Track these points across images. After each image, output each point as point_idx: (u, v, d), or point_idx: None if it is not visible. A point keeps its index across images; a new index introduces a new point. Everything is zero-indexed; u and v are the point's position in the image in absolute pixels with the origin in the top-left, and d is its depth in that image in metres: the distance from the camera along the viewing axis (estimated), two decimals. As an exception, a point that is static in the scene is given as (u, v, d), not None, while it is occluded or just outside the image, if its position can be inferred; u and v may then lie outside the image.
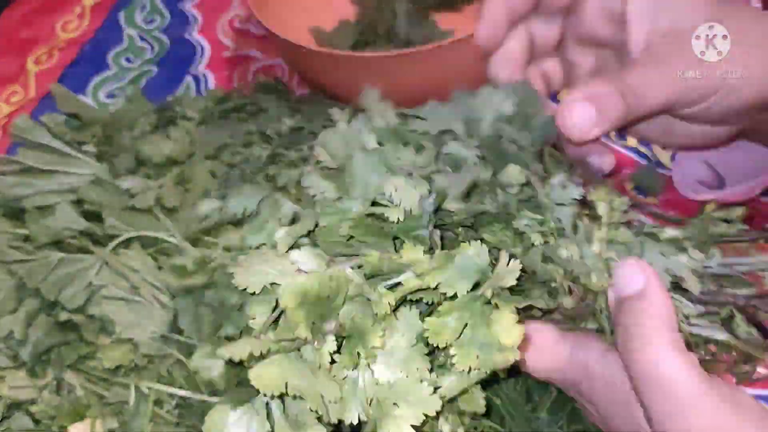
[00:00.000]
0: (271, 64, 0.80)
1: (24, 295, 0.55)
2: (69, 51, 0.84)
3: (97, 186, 0.56)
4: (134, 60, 0.82)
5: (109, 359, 0.50)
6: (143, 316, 0.51)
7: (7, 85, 0.82)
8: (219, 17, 0.84)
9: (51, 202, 0.56)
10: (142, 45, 0.84)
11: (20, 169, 0.58)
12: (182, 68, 0.80)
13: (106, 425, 0.51)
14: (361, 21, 0.77)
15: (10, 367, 0.54)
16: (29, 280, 0.52)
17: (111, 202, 0.56)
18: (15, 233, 0.58)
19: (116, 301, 0.52)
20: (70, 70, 0.82)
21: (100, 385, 0.54)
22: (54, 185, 0.58)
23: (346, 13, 0.78)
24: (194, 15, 0.86)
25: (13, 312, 0.54)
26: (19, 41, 0.85)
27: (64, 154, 0.58)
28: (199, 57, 0.81)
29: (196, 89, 0.78)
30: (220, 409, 0.32)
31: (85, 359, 0.54)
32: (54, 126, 0.58)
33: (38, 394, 0.54)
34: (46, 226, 0.55)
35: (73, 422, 0.51)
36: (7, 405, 0.53)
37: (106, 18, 0.87)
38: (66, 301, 0.53)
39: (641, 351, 0.32)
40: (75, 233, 0.56)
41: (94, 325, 0.54)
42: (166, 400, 0.51)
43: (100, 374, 0.54)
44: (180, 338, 0.50)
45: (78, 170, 0.58)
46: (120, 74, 0.81)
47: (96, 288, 0.54)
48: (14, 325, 0.53)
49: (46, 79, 0.82)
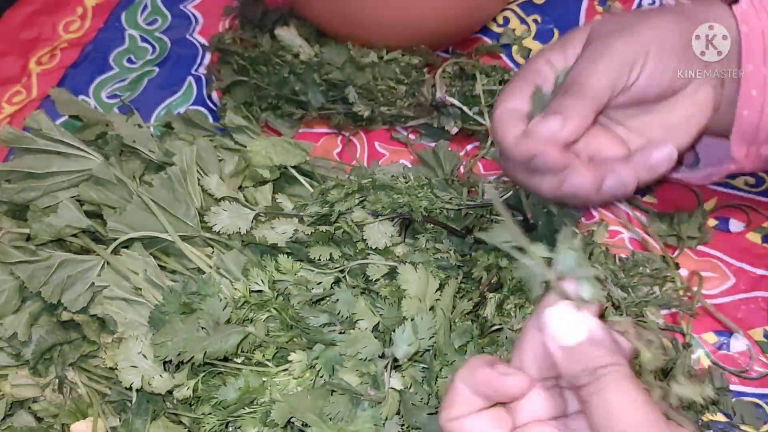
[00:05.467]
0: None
1: (27, 295, 0.55)
2: (71, 51, 0.84)
3: (98, 185, 0.56)
4: (136, 60, 0.83)
5: (110, 358, 0.50)
6: (145, 315, 0.51)
7: (10, 86, 0.82)
8: (220, 18, 0.84)
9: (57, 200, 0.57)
10: (144, 45, 0.84)
11: (23, 174, 0.58)
12: (184, 69, 0.81)
13: (107, 423, 0.52)
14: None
15: (12, 365, 0.54)
16: (31, 284, 0.53)
17: (111, 200, 0.56)
18: (18, 233, 0.58)
19: (118, 301, 0.52)
20: (71, 70, 0.83)
21: (102, 384, 0.54)
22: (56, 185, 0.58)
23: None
24: (195, 15, 0.86)
25: (16, 312, 0.54)
26: (21, 42, 0.86)
27: (60, 153, 0.58)
28: (201, 57, 0.81)
29: (198, 89, 0.78)
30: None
31: (87, 358, 0.55)
32: (43, 126, 0.58)
33: (41, 393, 0.54)
34: (48, 225, 0.55)
35: (75, 420, 0.51)
36: (9, 403, 0.53)
37: (107, 19, 0.87)
38: (69, 303, 0.53)
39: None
40: (77, 231, 0.56)
41: (95, 325, 0.54)
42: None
43: (102, 373, 0.54)
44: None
45: (77, 166, 0.58)
46: (121, 75, 0.81)
47: (97, 288, 0.54)
48: (17, 325, 0.53)
49: (48, 80, 0.82)
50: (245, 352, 0.49)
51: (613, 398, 0.32)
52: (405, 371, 0.47)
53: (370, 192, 0.55)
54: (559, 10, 0.78)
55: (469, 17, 0.72)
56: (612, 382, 0.32)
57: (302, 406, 0.46)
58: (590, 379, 0.33)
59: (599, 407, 0.32)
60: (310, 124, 0.72)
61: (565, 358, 0.33)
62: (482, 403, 0.36)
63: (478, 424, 0.35)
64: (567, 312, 0.34)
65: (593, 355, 0.33)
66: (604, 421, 0.32)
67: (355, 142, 0.71)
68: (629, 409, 0.32)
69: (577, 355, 0.33)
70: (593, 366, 0.33)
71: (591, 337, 0.33)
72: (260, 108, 0.71)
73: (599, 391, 0.32)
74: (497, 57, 0.75)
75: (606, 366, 0.33)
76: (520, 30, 0.77)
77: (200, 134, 0.65)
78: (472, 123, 0.67)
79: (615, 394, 0.32)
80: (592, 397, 0.32)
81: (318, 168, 0.65)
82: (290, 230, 0.54)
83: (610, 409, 0.32)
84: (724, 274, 0.59)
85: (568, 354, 0.33)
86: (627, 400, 0.32)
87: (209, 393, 0.48)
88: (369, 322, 0.46)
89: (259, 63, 0.70)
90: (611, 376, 0.32)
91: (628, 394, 0.32)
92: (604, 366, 0.33)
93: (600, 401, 0.32)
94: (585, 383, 0.33)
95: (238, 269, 0.52)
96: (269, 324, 0.50)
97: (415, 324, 0.45)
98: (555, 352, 0.34)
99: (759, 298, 0.57)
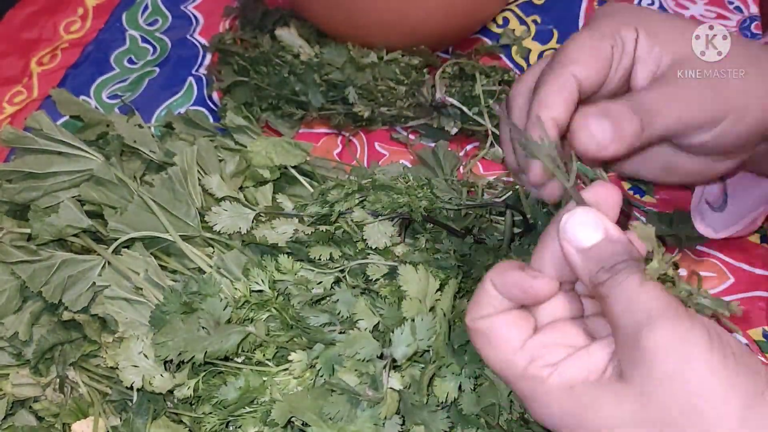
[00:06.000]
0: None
1: (28, 295, 0.55)
2: (72, 52, 0.84)
3: (98, 185, 0.56)
4: (136, 61, 0.83)
5: (111, 358, 0.50)
6: (146, 315, 0.51)
7: (10, 86, 0.82)
8: (220, 18, 0.84)
9: (58, 200, 0.57)
10: (145, 46, 0.84)
11: (24, 174, 0.58)
12: (184, 69, 0.81)
13: (108, 423, 0.52)
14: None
15: (13, 365, 0.55)
16: (32, 284, 0.53)
17: (112, 200, 0.56)
18: (19, 232, 0.58)
19: (119, 300, 0.52)
20: (72, 70, 0.83)
21: (103, 383, 0.54)
22: (57, 185, 0.58)
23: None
24: (196, 16, 0.86)
25: (17, 312, 0.55)
26: (22, 42, 0.86)
27: (61, 153, 0.58)
28: (201, 58, 0.81)
29: (198, 90, 0.79)
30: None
31: (88, 357, 0.55)
32: (44, 126, 0.58)
33: (42, 392, 0.54)
34: (49, 225, 0.55)
35: (76, 420, 0.51)
36: (10, 402, 0.54)
37: (108, 19, 0.87)
38: (70, 303, 0.53)
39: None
40: (78, 231, 0.56)
41: (96, 324, 0.54)
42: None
43: (102, 372, 0.54)
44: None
45: (78, 166, 0.58)
46: (122, 75, 0.81)
47: (99, 288, 0.54)
48: (18, 325, 0.54)
49: (49, 80, 0.82)
50: (245, 352, 0.49)
51: (633, 287, 0.33)
52: (404, 371, 0.47)
53: (370, 192, 0.55)
54: (558, 11, 0.78)
55: (469, 18, 0.72)
56: (630, 275, 0.33)
57: (302, 406, 0.46)
58: (608, 276, 0.33)
59: (620, 298, 0.33)
60: (310, 124, 0.72)
61: (583, 259, 0.34)
62: (509, 304, 0.36)
63: (504, 322, 0.36)
64: (584, 215, 0.34)
65: (610, 251, 0.34)
66: (625, 312, 0.32)
67: (355, 142, 0.71)
68: (647, 294, 0.32)
69: (594, 254, 0.34)
70: (611, 263, 0.33)
71: (607, 237, 0.34)
72: (260, 108, 0.71)
73: (618, 284, 0.33)
74: (497, 57, 0.75)
75: (624, 261, 0.33)
76: (519, 30, 0.77)
77: (201, 134, 0.65)
78: (472, 123, 0.67)
79: (634, 284, 0.33)
80: (611, 290, 0.33)
81: (318, 168, 0.65)
82: (290, 230, 0.54)
83: (630, 298, 0.32)
84: (723, 274, 0.59)
85: (585, 255, 0.34)
86: (646, 289, 0.32)
87: (210, 392, 0.48)
88: (369, 322, 0.46)
89: (259, 63, 0.70)
90: (629, 269, 0.33)
91: (647, 284, 0.33)
92: (622, 261, 0.33)
93: (620, 292, 0.33)
94: (603, 280, 0.33)
95: (238, 269, 0.52)
96: (269, 324, 0.50)
97: (413, 325, 0.45)
98: (573, 255, 0.34)
99: (758, 298, 0.57)
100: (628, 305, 0.32)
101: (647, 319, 0.32)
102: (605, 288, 0.33)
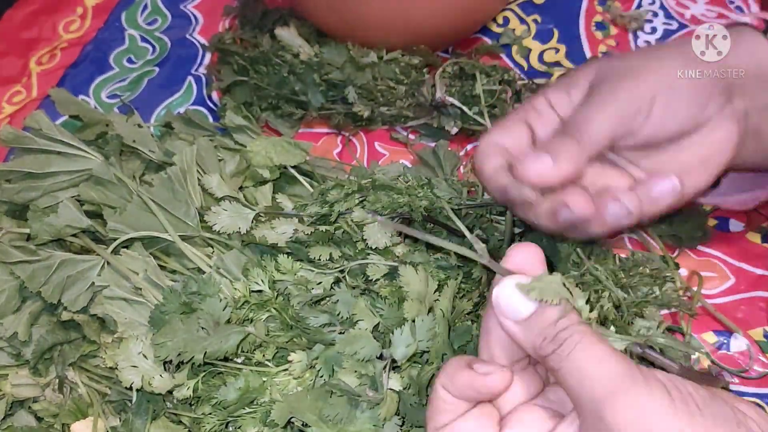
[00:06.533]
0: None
1: (27, 295, 0.55)
2: (71, 51, 0.84)
3: (98, 185, 0.56)
4: (136, 60, 0.83)
5: (110, 358, 0.50)
6: (145, 315, 0.51)
7: (10, 86, 0.82)
8: (220, 18, 0.84)
9: (57, 200, 0.57)
10: (144, 45, 0.84)
11: (23, 174, 0.58)
12: (184, 69, 0.81)
13: (107, 423, 0.52)
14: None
15: (13, 365, 0.54)
16: (31, 284, 0.53)
17: (111, 200, 0.56)
18: (18, 232, 0.58)
19: (118, 301, 0.52)
20: (72, 70, 0.83)
21: (102, 384, 0.54)
22: (56, 185, 0.58)
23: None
24: (195, 15, 0.86)
25: (16, 312, 0.54)
26: (21, 42, 0.86)
27: (60, 153, 0.58)
28: (201, 57, 0.81)
29: (198, 89, 0.79)
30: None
31: (87, 358, 0.55)
32: (43, 126, 0.58)
33: (41, 392, 0.54)
34: (48, 225, 0.55)
35: (76, 420, 0.51)
36: (10, 403, 0.53)
37: (107, 18, 0.87)
38: (69, 303, 0.53)
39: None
40: (77, 231, 0.56)
41: (96, 324, 0.54)
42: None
43: (102, 372, 0.54)
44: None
45: (77, 166, 0.58)
46: (122, 74, 0.81)
47: (98, 288, 0.54)
48: (17, 325, 0.53)
49: (48, 80, 0.82)
50: (245, 352, 0.49)
51: (581, 358, 0.31)
52: (404, 372, 0.47)
53: (370, 192, 0.55)
54: (558, 10, 0.78)
55: (469, 17, 0.72)
56: (575, 344, 0.32)
57: (302, 406, 0.46)
58: (554, 347, 0.32)
59: (570, 372, 0.32)
60: (310, 124, 0.72)
61: (524, 331, 0.33)
62: (467, 405, 0.35)
63: (466, 426, 0.35)
64: (511, 286, 0.34)
65: (550, 319, 0.33)
66: (578, 385, 0.31)
67: (355, 142, 0.71)
68: (599, 366, 0.31)
69: (534, 323, 0.33)
70: (552, 333, 0.32)
71: (542, 305, 0.33)
72: (260, 108, 0.71)
73: (566, 357, 0.32)
74: (497, 57, 0.75)
75: (565, 329, 0.32)
76: (519, 30, 0.77)
77: (200, 134, 0.65)
78: (472, 123, 0.67)
79: (581, 354, 0.32)
80: (560, 364, 0.32)
81: (318, 168, 0.65)
82: (290, 230, 0.54)
83: (581, 370, 0.31)
84: (724, 274, 0.59)
85: (526, 326, 0.33)
86: (594, 357, 0.31)
87: (209, 393, 0.48)
88: (369, 323, 0.46)
89: (259, 63, 0.70)
90: (573, 338, 0.32)
91: (593, 350, 0.32)
92: (563, 329, 0.32)
93: (569, 366, 0.32)
94: (550, 352, 0.32)
95: (238, 269, 0.52)
96: (269, 324, 0.50)
97: (413, 325, 0.45)
98: (512, 329, 0.34)
99: (759, 298, 0.57)
100: (580, 380, 0.31)
101: (605, 395, 0.31)
102: (554, 361, 0.32)
